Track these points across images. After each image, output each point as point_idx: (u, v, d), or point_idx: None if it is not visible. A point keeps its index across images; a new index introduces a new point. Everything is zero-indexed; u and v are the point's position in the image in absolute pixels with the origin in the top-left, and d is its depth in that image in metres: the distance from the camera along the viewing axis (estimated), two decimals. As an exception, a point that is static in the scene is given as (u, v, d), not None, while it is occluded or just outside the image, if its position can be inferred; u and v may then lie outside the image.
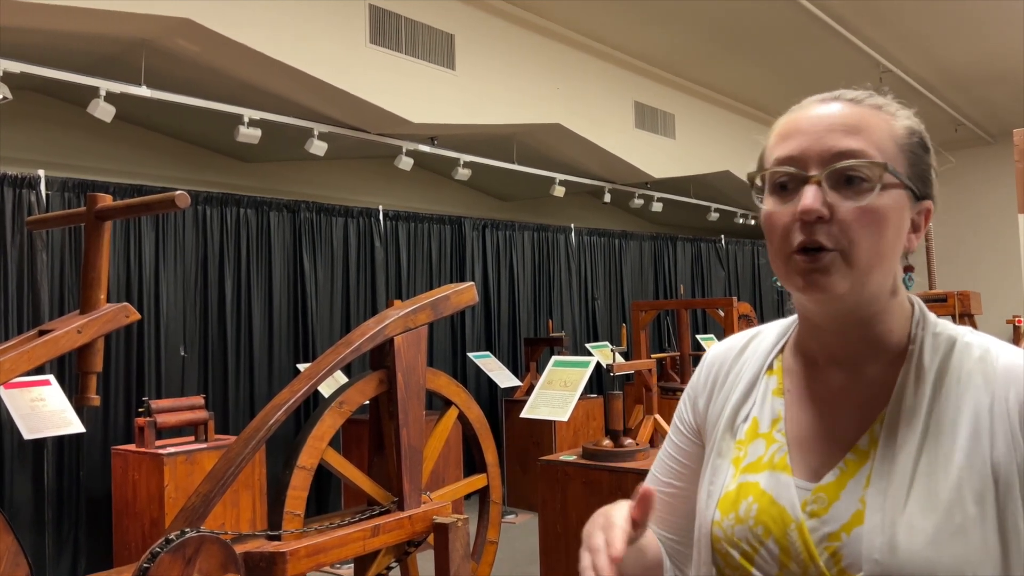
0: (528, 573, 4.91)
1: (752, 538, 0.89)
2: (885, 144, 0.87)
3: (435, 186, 8.72)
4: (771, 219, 0.89)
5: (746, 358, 1.03)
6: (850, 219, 0.84)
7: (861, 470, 0.85)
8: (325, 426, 2.57)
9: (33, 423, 4.18)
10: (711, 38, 7.81)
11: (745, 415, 0.97)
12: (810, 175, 0.85)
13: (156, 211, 1.94)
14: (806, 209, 0.83)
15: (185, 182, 6.56)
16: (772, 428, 0.94)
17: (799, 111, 0.92)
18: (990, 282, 10.24)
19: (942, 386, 0.86)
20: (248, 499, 4.68)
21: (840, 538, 0.83)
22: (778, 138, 0.92)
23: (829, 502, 0.85)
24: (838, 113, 0.89)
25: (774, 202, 0.89)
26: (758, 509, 0.89)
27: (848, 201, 0.84)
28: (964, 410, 0.84)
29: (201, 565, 2.01)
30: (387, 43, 5.95)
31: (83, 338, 1.83)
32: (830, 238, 0.84)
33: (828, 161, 0.85)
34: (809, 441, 0.91)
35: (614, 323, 9.16)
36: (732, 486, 0.93)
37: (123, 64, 5.17)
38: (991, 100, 10.13)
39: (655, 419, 4.87)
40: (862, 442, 0.87)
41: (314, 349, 6.35)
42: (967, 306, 4.52)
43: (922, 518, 0.79)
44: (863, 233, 0.84)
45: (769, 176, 0.89)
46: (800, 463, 0.90)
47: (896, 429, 0.85)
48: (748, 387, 0.99)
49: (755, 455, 0.94)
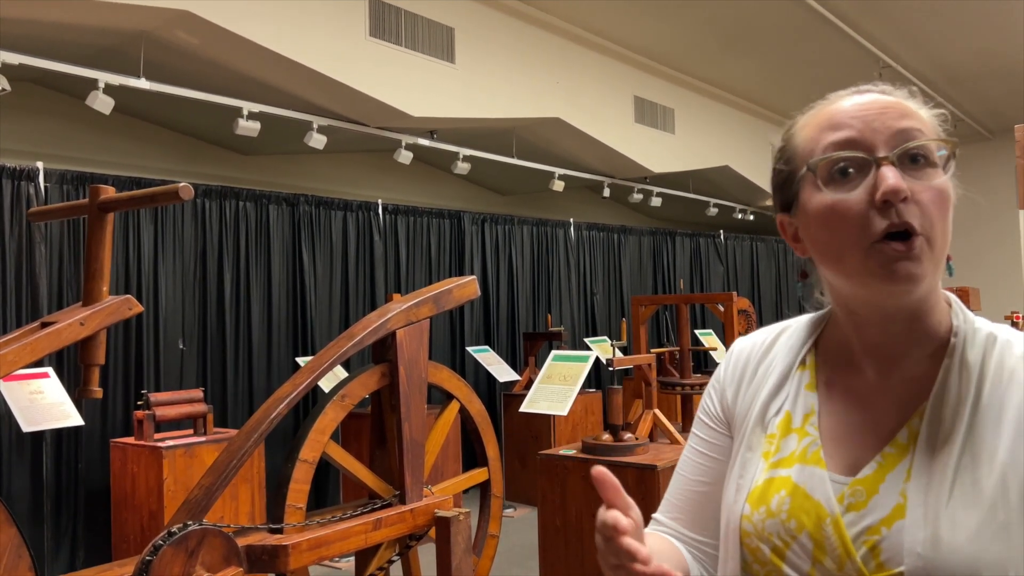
0: (527, 567, 4.91)
1: (784, 532, 0.86)
2: (932, 126, 0.86)
3: (434, 180, 8.70)
4: (836, 210, 0.83)
5: (776, 352, 1.00)
6: (926, 199, 0.80)
7: (900, 464, 0.83)
8: (327, 419, 2.57)
9: (32, 416, 4.17)
10: (711, 33, 7.80)
11: (777, 409, 0.95)
12: (880, 156, 0.81)
13: (160, 203, 1.93)
14: (894, 189, 0.79)
15: (184, 175, 6.54)
16: (805, 423, 0.92)
17: (831, 104, 0.89)
18: (990, 278, 10.26)
19: (985, 381, 0.84)
20: (247, 493, 4.68)
21: (880, 532, 0.81)
22: (821, 128, 0.87)
23: (868, 496, 0.83)
24: (882, 100, 0.86)
25: (834, 191, 0.83)
26: (791, 503, 0.87)
27: (920, 181, 0.81)
28: (1008, 407, 0.82)
29: (204, 558, 2.01)
30: (387, 36, 5.93)
31: (86, 330, 1.82)
32: (916, 220, 0.80)
33: (895, 140, 0.82)
34: (845, 435, 0.89)
35: (613, 318, 9.16)
36: (762, 480, 0.91)
37: (122, 56, 5.15)
38: (991, 96, 10.13)
39: (654, 414, 4.87)
40: (901, 436, 0.85)
41: (313, 343, 6.35)
42: (967, 302, 4.53)
43: (965, 513, 0.77)
44: (938, 215, 0.81)
45: (826, 164, 0.84)
46: (835, 457, 0.88)
47: (939, 422, 0.83)
48: (780, 381, 0.96)
49: (788, 450, 0.91)
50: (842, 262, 0.84)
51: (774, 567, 0.87)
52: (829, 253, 0.85)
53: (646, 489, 3.34)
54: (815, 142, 0.87)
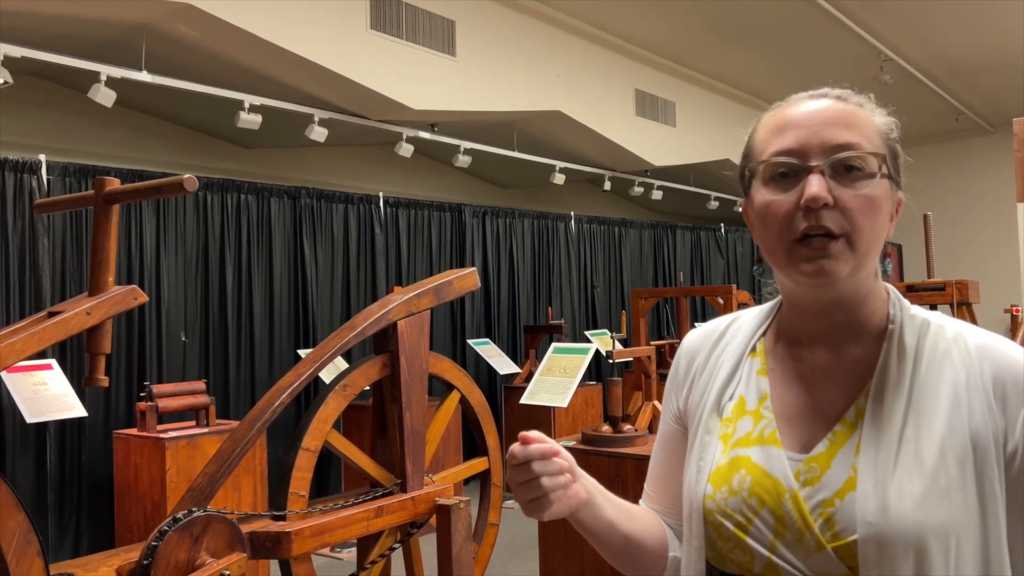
0: (526, 557, 4.95)
1: (746, 509, 0.92)
2: (874, 138, 0.92)
3: (435, 173, 8.72)
4: (770, 208, 0.92)
5: (727, 342, 1.08)
6: (852, 206, 0.88)
7: (850, 440, 0.90)
8: (329, 408, 2.60)
9: (35, 407, 4.21)
10: (712, 26, 7.80)
11: (731, 395, 1.02)
12: (812, 164, 0.89)
13: (165, 195, 1.96)
14: (815, 196, 0.87)
15: (186, 167, 6.56)
16: (759, 405, 0.99)
17: (788, 107, 0.97)
18: (989, 271, 10.27)
19: (922, 362, 0.92)
20: (249, 483, 4.71)
21: (834, 504, 0.87)
22: (772, 131, 0.95)
23: (821, 471, 0.90)
24: (831, 108, 0.93)
25: (772, 192, 0.92)
26: (751, 481, 0.93)
27: (849, 190, 0.89)
28: (943, 384, 0.90)
29: (208, 544, 2.04)
30: (388, 29, 5.94)
31: (92, 320, 1.85)
32: (835, 224, 0.88)
33: (829, 152, 0.90)
34: (797, 416, 0.96)
35: (613, 310, 9.19)
36: (723, 460, 0.97)
37: (124, 49, 5.17)
38: (991, 89, 10.13)
39: (654, 405, 4.90)
40: (849, 415, 0.92)
41: (314, 335, 6.38)
42: (965, 295, 4.54)
43: (910, 482, 0.84)
44: (863, 219, 0.89)
45: (767, 167, 0.93)
46: (789, 436, 0.95)
47: (882, 401, 0.90)
48: (732, 369, 1.04)
49: (744, 431, 0.98)
50: (773, 255, 0.94)
51: (738, 541, 0.93)
52: (764, 245, 0.95)
53: (644, 479, 3.36)
54: (765, 143, 0.96)
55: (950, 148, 11.83)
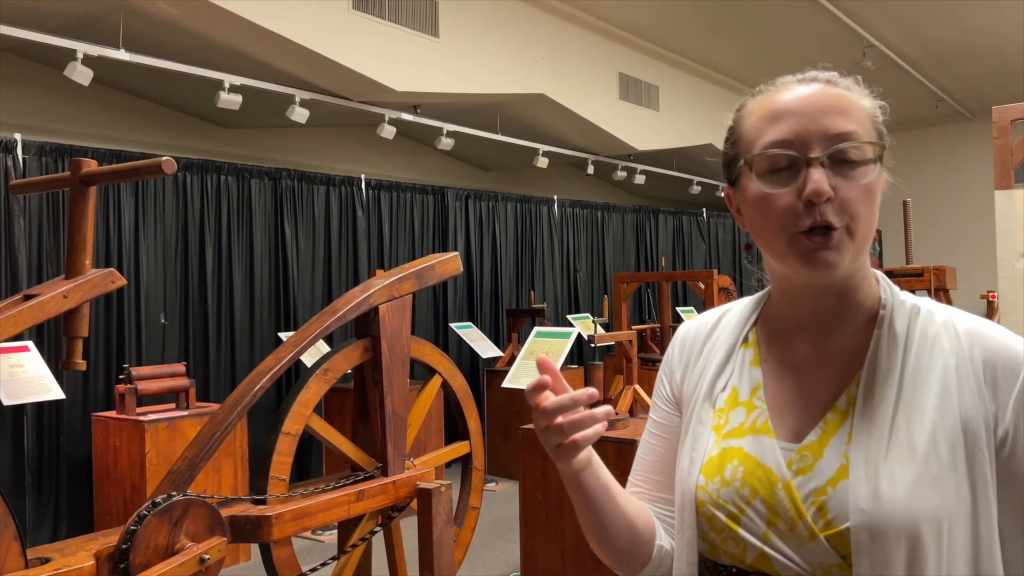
0: (508, 539, 4.98)
1: (739, 499, 0.92)
2: (866, 124, 0.91)
3: (418, 155, 8.67)
4: (767, 201, 0.90)
5: (719, 332, 1.07)
6: (851, 196, 0.88)
7: (842, 428, 0.90)
8: (310, 392, 2.59)
9: (12, 389, 4.16)
10: (697, 10, 7.79)
11: (723, 385, 1.02)
12: (812, 157, 0.88)
13: (142, 176, 1.93)
14: (819, 191, 0.86)
15: (165, 148, 6.48)
16: (752, 396, 0.99)
17: (778, 92, 0.95)
18: (966, 257, 10.38)
19: (912, 348, 0.91)
20: (230, 466, 4.70)
21: (826, 492, 0.87)
22: (764, 119, 0.93)
23: (814, 459, 0.90)
24: (824, 94, 0.91)
25: (769, 184, 0.90)
26: (744, 471, 0.93)
27: (848, 180, 0.88)
28: (934, 369, 0.90)
29: (188, 527, 2.03)
30: (370, 9, 5.88)
31: (69, 303, 1.82)
32: (836, 216, 0.87)
33: (827, 142, 0.88)
34: (788, 405, 0.95)
35: (596, 295, 9.21)
36: (715, 451, 0.97)
37: (101, 26, 5.08)
38: (972, 77, 10.19)
39: (635, 389, 4.92)
40: (840, 402, 0.92)
41: (295, 317, 6.35)
42: (943, 281, 4.59)
43: (902, 469, 0.84)
44: (862, 208, 0.88)
45: (763, 160, 0.91)
46: (781, 426, 0.95)
47: (873, 388, 0.90)
48: (724, 359, 1.03)
49: (736, 422, 0.98)
50: (771, 246, 0.92)
51: (730, 532, 0.93)
52: (761, 236, 0.94)
53: (626, 463, 3.39)
54: (757, 133, 0.94)
55: (929, 135, 11.91)
